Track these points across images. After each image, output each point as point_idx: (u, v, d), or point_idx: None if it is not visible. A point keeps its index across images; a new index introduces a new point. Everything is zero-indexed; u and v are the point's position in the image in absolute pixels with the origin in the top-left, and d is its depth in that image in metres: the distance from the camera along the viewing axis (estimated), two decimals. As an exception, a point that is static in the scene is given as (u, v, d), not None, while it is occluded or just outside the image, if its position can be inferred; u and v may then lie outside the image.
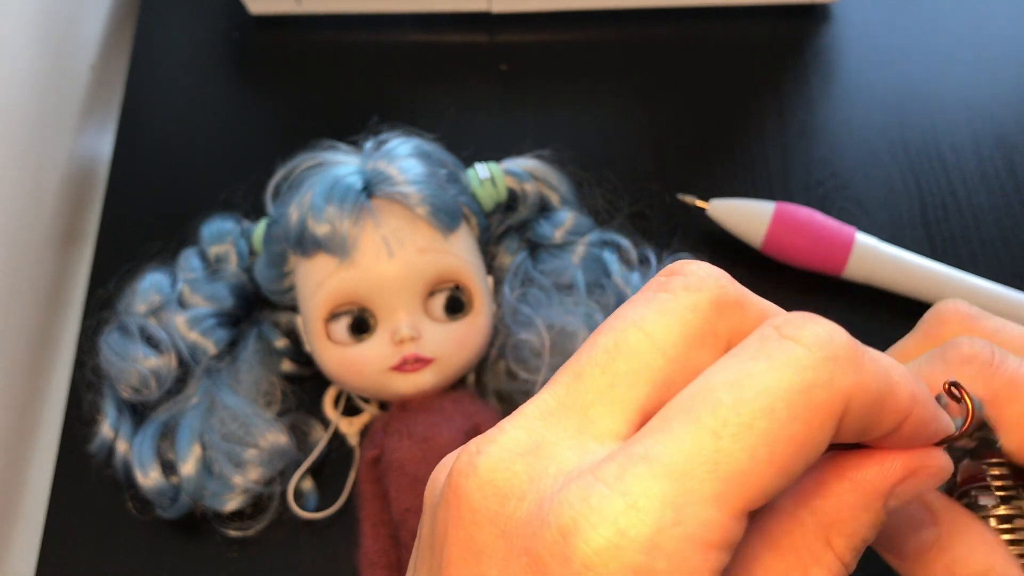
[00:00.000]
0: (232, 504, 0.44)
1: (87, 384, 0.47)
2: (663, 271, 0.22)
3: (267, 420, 0.45)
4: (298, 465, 0.45)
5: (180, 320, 0.46)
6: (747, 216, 0.51)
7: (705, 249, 0.52)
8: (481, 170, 0.49)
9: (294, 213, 0.44)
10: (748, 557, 0.20)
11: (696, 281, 0.21)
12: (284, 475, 0.45)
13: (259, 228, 0.49)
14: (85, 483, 0.47)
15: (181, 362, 0.46)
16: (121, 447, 0.45)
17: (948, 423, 0.22)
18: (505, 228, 0.50)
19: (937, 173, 0.56)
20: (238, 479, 0.44)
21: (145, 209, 0.55)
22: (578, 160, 0.54)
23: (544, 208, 0.51)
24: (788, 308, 0.57)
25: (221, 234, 0.50)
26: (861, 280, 0.51)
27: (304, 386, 0.49)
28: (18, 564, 0.49)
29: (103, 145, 0.62)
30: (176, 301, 0.47)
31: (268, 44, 0.62)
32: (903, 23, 0.63)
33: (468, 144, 0.54)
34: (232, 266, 0.49)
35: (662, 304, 0.21)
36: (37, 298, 0.54)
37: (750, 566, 0.20)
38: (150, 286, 0.47)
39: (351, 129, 0.51)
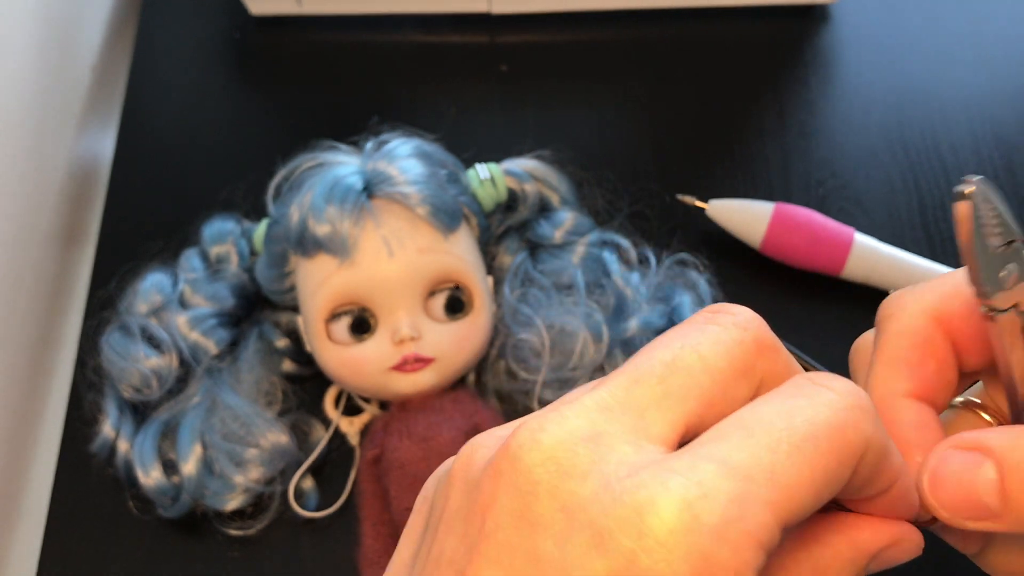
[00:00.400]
0: (233, 503, 0.44)
1: (88, 384, 0.47)
2: (708, 308, 0.24)
3: (268, 420, 0.45)
4: (299, 464, 0.46)
5: (181, 320, 0.46)
6: (746, 216, 0.51)
7: (704, 249, 0.52)
8: (481, 170, 0.49)
9: (295, 213, 0.44)
10: None
11: (743, 321, 0.24)
12: (285, 474, 0.45)
13: (260, 228, 0.49)
14: (86, 482, 0.47)
15: (182, 362, 0.46)
16: (122, 447, 0.45)
17: (917, 503, 0.25)
18: (505, 228, 0.50)
19: (936, 173, 0.57)
20: (239, 478, 0.44)
21: (146, 209, 0.55)
22: (578, 160, 0.54)
23: (544, 208, 0.51)
24: (787, 308, 0.57)
25: (222, 234, 0.50)
26: (860, 280, 0.51)
27: (305, 386, 0.49)
28: (20, 563, 0.49)
29: (104, 145, 0.63)
30: (177, 301, 0.47)
31: (269, 45, 0.62)
32: (902, 23, 0.63)
33: (468, 144, 0.55)
34: (233, 266, 0.49)
35: (714, 334, 0.23)
36: (38, 298, 0.54)
37: None
38: (151, 286, 0.48)
39: (351, 129, 0.51)
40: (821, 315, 0.52)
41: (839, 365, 0.50)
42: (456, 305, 0.45)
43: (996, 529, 0.24)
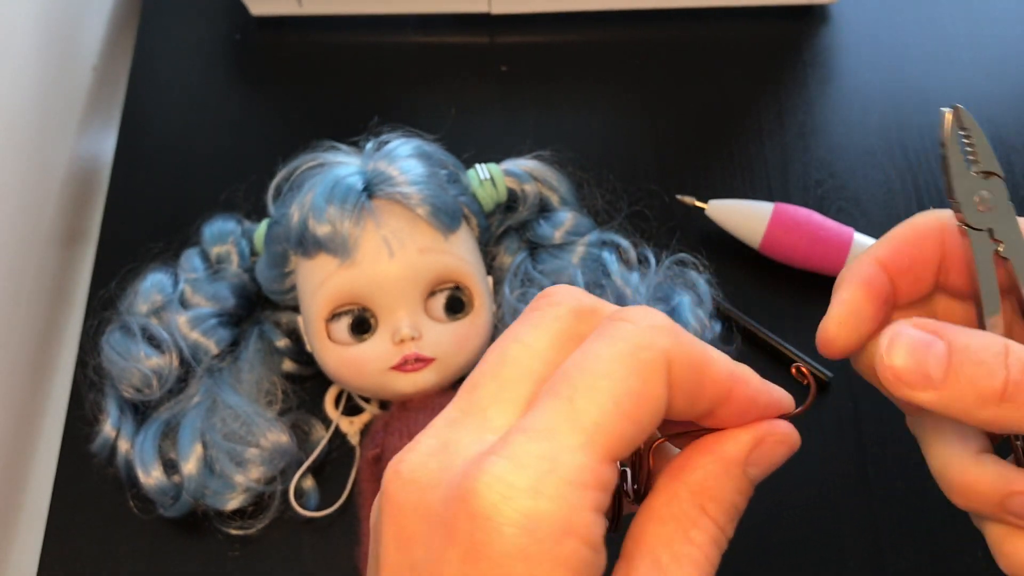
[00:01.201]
0: (233, 503, 0.44)
1: (89, 384, 0.47)
2: (536, 296, 0.26)
3: (268, 419, 0.45)
4: (299, 464, 0.46)
5: (182, 320, 0.46)
6: (746, 216, 0.51)
7: (703, 249, 0.52)
8: (481, 171, 0.49)
9: (295, 213, 0.44)
10: (639, 531, 0.24)
11: (557, 298, 0.26)
12: (285, 474, 0.45)
13: (260, 228, 0.49)
14: (87, 482, 0.47)
15: (183, 362, 0.46)
16: (123, 446, 0.45)
17: (785, 401, 0.26)
18: (505, 228, 0.51)
19: (935, 173, 0.57)
20: (239, 478, 0.44)
21: (147, 209, 0.55)
22: (578, 161, 0.54)
23: (544, 208, 0.51)
24: (786, 308, 0.57)
25: (223, 234, 0.50)
26: (859, 280, 0.51)
27: (305, 385, 0.49)
28: (21, 562, 0.50)
29: (105, 146, 0.63)
30: (178, 301, 0.47)
31: (269, 45, 0.62)
32: (901, 24, 0.63)
33: (468, 145, 0.55)
34: (233, 266, 0.49)
35: (533, 320, 0.25)
36: (39, 298, 0.54)
37: (640, 539, 0.24)
38: (152, 286, 0.48)
39: (352, 130, 0.51)
40: (820, 315, 0.51)
41: (837, 364, 0.50)
42: (456, 305, 0.45)
43: (930, 402, 0.26)
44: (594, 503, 0.22)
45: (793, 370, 0.28)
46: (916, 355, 0.26)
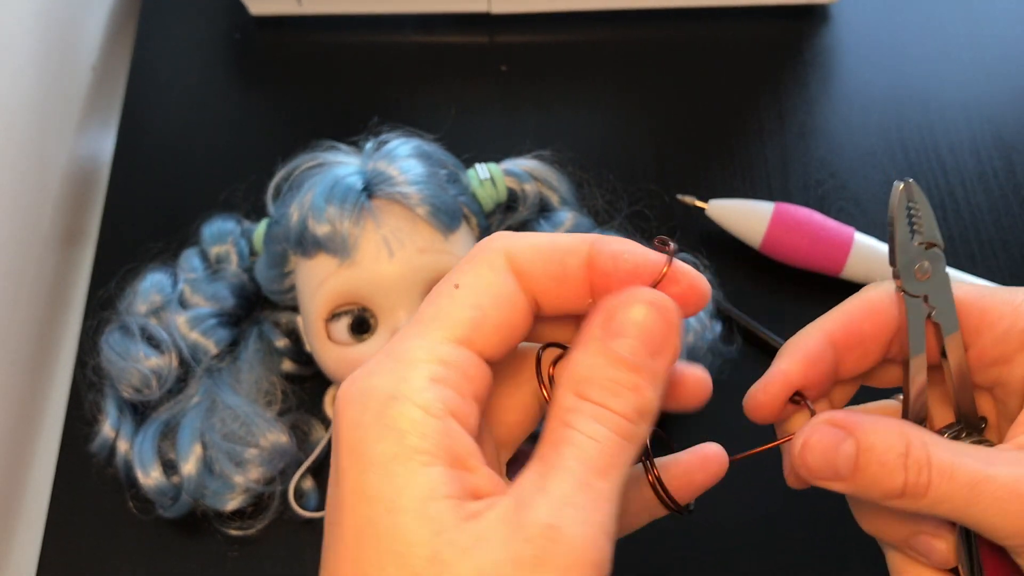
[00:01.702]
0: (233, 503, 0.44)
1: (88, 384, 0.47)
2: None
3: (268, 419, 0.45)
4: (299, 464, 0.46)
5: (181, 320, 0.46)
6: (746, 216, 0.51)
7: (704, 249, 0.52)
8: (481, 170, 0.49)
9: (295, 213, 0.44)
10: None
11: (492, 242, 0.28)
12: (285, 474, 0.45)
13: (260, 228, 0.49)
14: (86, 482, 0.47)
15: (182, 362, 0.46)
16: (122, 447, 0.45)
17: (653, 258, 0.27)
18: (505, 228, 0.50)
19: (935, 173, 0.57)
20: (239, 478, 0.44)
21: (146, 209, 0.55)
22: (578, 160, 0.54)
23: (544, 208, 0.51)
24: (786, 308, 0.57)
25: (222, 234, 0.50)
26: (860, 280, 0.51)
27: (305, 386, 0.49)
28: (20, 562, 0.49)
29: (104, 145, 0.63)
30: (177, 301, 0.47)
31: (269, 45, 0.62)
32: (901, 24, 0.63)
33: (468, 144, 0.55)
34: (233, 266, 0.49)
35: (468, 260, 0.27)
36: (39, 298, 0.54)
37: (539, 442, 0.25)
38: (151, 286, 0.48)
39: (351, 130, 0.51)
40: (820, 315, 0.52)
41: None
42: (456, 305, 0.45)
43: (840, 490, 0.28)
44: (429, 374, 0.24)
45: (656, 241, 0.28)
46: (827, 456, 0.28)
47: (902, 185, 0.29)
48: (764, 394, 0.31)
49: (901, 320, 0.30)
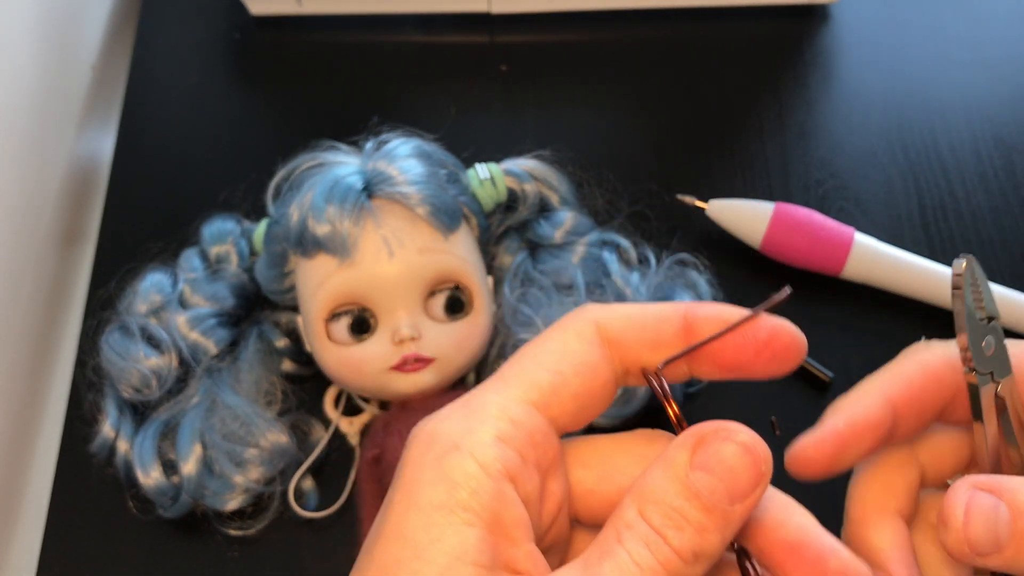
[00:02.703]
0: (233, 503, 0.44)
1: (88, 384, 0.47)
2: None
3: (268, 420, 0.45)
4: (299, 464, 0.46)
5: (181, 320, 0.46)
6: (746, 216, 0.51)
7: (704, 249, 0.52)
8: (481, 170, 0.49)
9: (295, 213, 0.44)
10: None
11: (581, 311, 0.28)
12: (285, 474, 0.45)
13: (260, 228, 0.49)
14: (86, 482, 0.47)
15: (182, 362, 0.46)
16: (122, 447, 0.45)
17: (734, 312, 0.27)
18: (505, 228, 0.51)
19: (936, 173, 0.57)
20: (239, 478, 0.44)
21: (146, 209, 0.55)
22: (578, 160, 0.54)
23: (544, 208, 0.51)
24: (786, 307, 0.57)
25: (222, 234, 0.50)
26: (860, 280, 0.51)
27: (305, 386, 0.49)
28: (20, 563, 0.49)
29: (104, 145, 0.63)
30: (177, 301, 0.47)
31: (269, 44, 0.62)
32: (902, 24, 0.63)
33: (468, 144, 0.55)
34: (233, 266, 0.49)
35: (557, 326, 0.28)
36: (38, 298, 0.54)
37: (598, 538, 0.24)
38: (151, 286, 0.48)
39: (351, 129, 0.51)
40: (821, 315, 0.52)
41: (837, 364, 0.50)
42: (456, 305, 0.45)
43: (995, 566, 0.25)
44: (496, 432, 0.24)
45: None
46: (989, 523, 0.25)
47: (964, 262, 0.28)
48: (816, 451, 0.28)
49: (971, 399, 0.29)
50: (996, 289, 0.50)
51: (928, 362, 0.30)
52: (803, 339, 0.27)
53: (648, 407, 0.46)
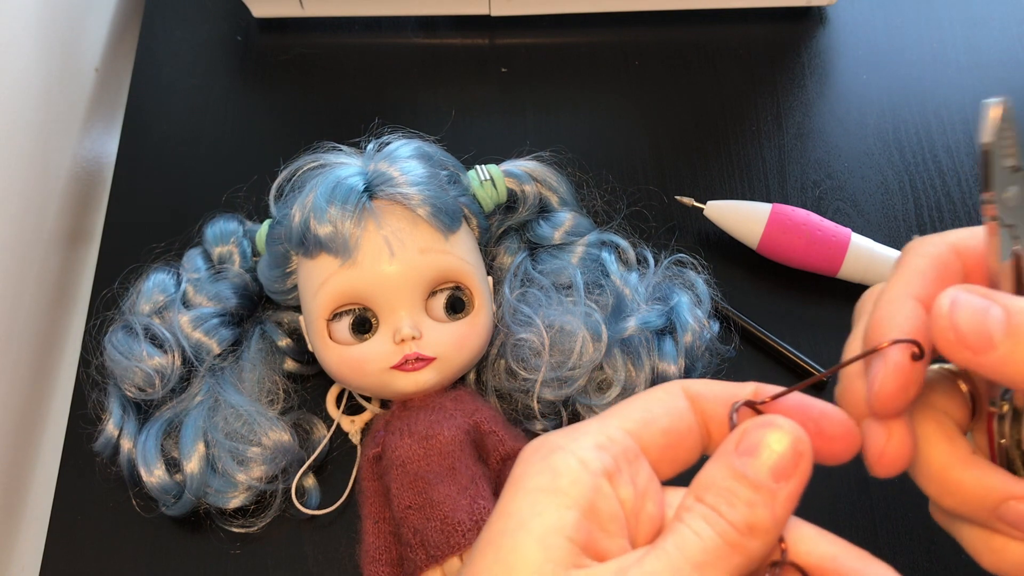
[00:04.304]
0: (235, 501, 0.45)
1: (92, 383, 0.47)
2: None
3: (270, 418, 0.45)
4: (301, 463, 0.46)
5: (184, 319, 0.46)
6: (744, 217, 0.52)
7: (702, 249, 0.53)
8: (481, 171, 0.49)
9: (297, 214, 0.44)
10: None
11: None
12: (287, 472, 0.45)
13: (262, 229, 0.49)
14: (90, 481, 0.47)
15: (185, 361, 0.46)
16: (126, 445, 0.45)
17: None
18: (505, 229, 0.51)
19: (932, 175, 0.57)
20: (241, 476, 0.44)
21: (149, 210, 0.56)
22: (577, 162, 0.55)
23: (544, 209, 0.51)
24: (783, 307, 0.57)
25: (225, 234, 0.50)
26: (856, 280, 0.52)
27: (307, 385, 0.50)
28: (24, 560, 0.50)
29: (108, 146, 0.63)
30: (180, 301, 0.47)
31: (271, 47, 0.62)
32: (898, 26, 0.63)
33: (468, 146, 0.55)
34: (235, 266, 0.49)
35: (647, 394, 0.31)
36: (42, 298, 0.54)
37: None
38: (154, 286, 0.48)
39: (353, 131, 0.52)
40: (817, 315, 0.52)
41: (834, 363, 0.50)
42: (457, 305, 0.45)
43: (990, 365, 0.26)
44: (595, 442, 0.27)
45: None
46: (977, 317, 0.26)
47: (998, 106, 0.27)
48: (894, 386, 0.29)
49: (990, 248, 0.28)
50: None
51: (935, 254, 0.30)
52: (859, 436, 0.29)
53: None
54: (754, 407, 0.29)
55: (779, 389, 0.29)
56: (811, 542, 0.28)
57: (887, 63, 0.61)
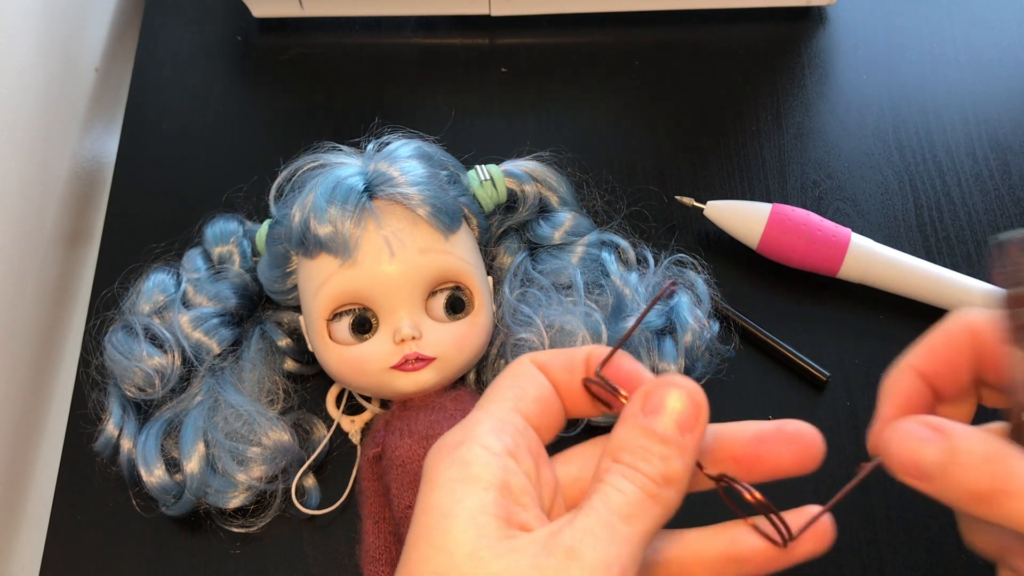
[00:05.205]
0: (235, 501, 0.45)
1: (92, 383, 0.47)
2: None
3: (270, 418, 0.45)
4: (301, 463, 0.46)
5: (184, 319, 0.47)
6: (744, 217, 0.52)
7: (702, 249, 0.53)
8: (481, 171, 0.49)
9: (297, 214, 0.44)
10: None
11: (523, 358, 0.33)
12: (287, 472, 0.45)
13: (262, 229, 0.49)
14: (90, 481, 0.47)
15: (185, 361, 0.46)
16: (126, 445, 0.45)
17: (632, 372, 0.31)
18: (505, 229, 0.51)
19: (931, 175, 0.57)
20: (241, 476, 0.44)
21: (149, 210, 0.56)
22: (577, 161, 0.55)
23: (543, 209, 0.51)
24: (783, 307, 0.57)
25: (225, 234, 0.50)
26: (856, 280, 0.52)
27: (307, 385, 0.50)
28: (24, 560, 0.50)
29: (108, 146, 0.63)
30: (180, 301, 0.47)
31: (271, 47, 0.62)
32: (898, 26, 0.63)
33: (468, 146, 0.55)
34: (235, 266, 0.49)
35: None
36: (42, 298, 0.54)
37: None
38: (154, 286, 0.48)
39: (353, 131, 0.52)
40: (817, 315, 0.52)
41: (834, 364, 0.50)
42: (457, 305, 0.45)
43: (926, 490, 0.28)
44: (490, 427, 0.29)
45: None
46: (912, 454, 0.29)
47: (1018, 239, 0.28)
48: (876, 439, 0.31)
49: (1008, 364, 0.29)
50: (992, 289, 0.50)
51: (949, 328, 0.32)
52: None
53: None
54: (602, 380, 0.31)
55: (608, 350, 0.31)
56: (728, 441, 0.31)
57: (887, 63, 0.61)
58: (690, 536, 0.31)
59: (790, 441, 0.30)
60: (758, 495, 0.29)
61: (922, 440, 0.28)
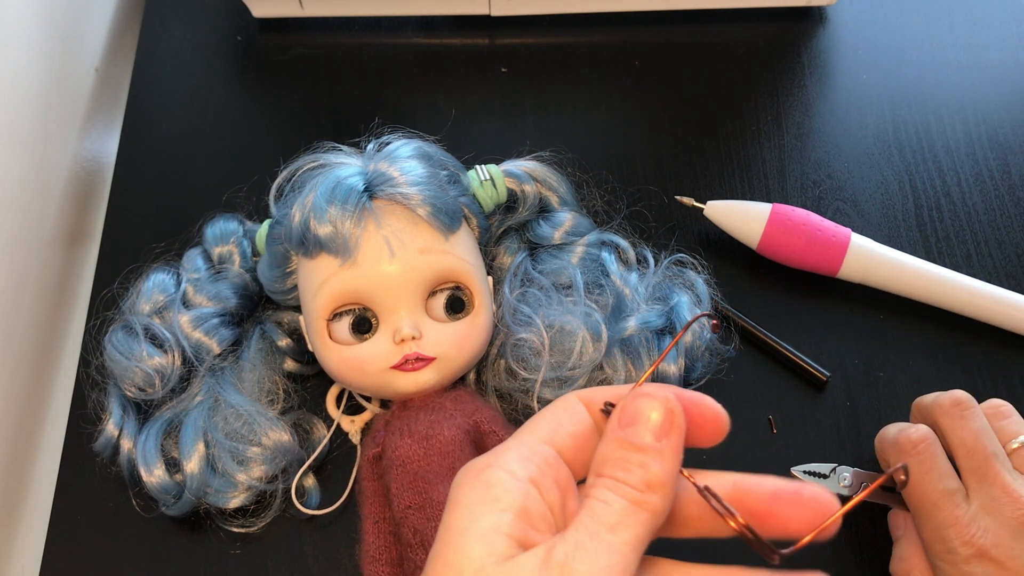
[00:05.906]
0: (235, 501, 0.45)
1: (92, 383, 0.47)
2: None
3: (270, 418, 0.45)
4: (301, 463, 0.46)
5: (184, 319, 0.47)
6: (744, 217, 0.52)
7: (702, 249, 0.53)
8: (481, 171, 0.49)
9: (296, 214, 0.44)
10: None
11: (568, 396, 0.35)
12: (287, 472, 0.45)
13: (262, 229, 0.49)
14: (90, 481, 0.47)
15: (185, 361, 0.46)
16: (126, 445, 0.45)
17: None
18: (505, 229, 0.51)
19: (931, 175, 0.57)
20: (241, 476, 0.44)
21: (149, 210, 0.56)
22: (577, 162, 0.55)
23: (543, 209, 0.51)
24: (783, 307, 0.57)
25: (225, 234, 0.50)
26: (856, 280, 0.52)
27: (307, 385, 0.50)
28: (24, 560, 0.50)
29: (108, 146, 0.63)
30: (180, 301, 0.47)
31: (271, 47, 0.62)
32: (898, 26, 0.63)
33: (468, 146, 0.55)
34: (235, 266, 0.49)
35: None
36: (43, 298, 0.54)
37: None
38: (154, 286, 0.48)
39: (353, 131, 0.52)
40: (818, 315, 0.52)
41: (834, 364, 0.50)
42: (457, 305, 0.45)
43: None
44: (518, 456, 0.30)
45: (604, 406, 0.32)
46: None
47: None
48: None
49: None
50: (991, 289, 0.50)
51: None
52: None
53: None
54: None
55: (657, 387, 0.32)
56: (746, 493, 0.31)
57: (887, 63, 0.62)
58: (696, 571, 0.31)
59: (806, 505, 0.31)
60: (740, 520, 0.30)
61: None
